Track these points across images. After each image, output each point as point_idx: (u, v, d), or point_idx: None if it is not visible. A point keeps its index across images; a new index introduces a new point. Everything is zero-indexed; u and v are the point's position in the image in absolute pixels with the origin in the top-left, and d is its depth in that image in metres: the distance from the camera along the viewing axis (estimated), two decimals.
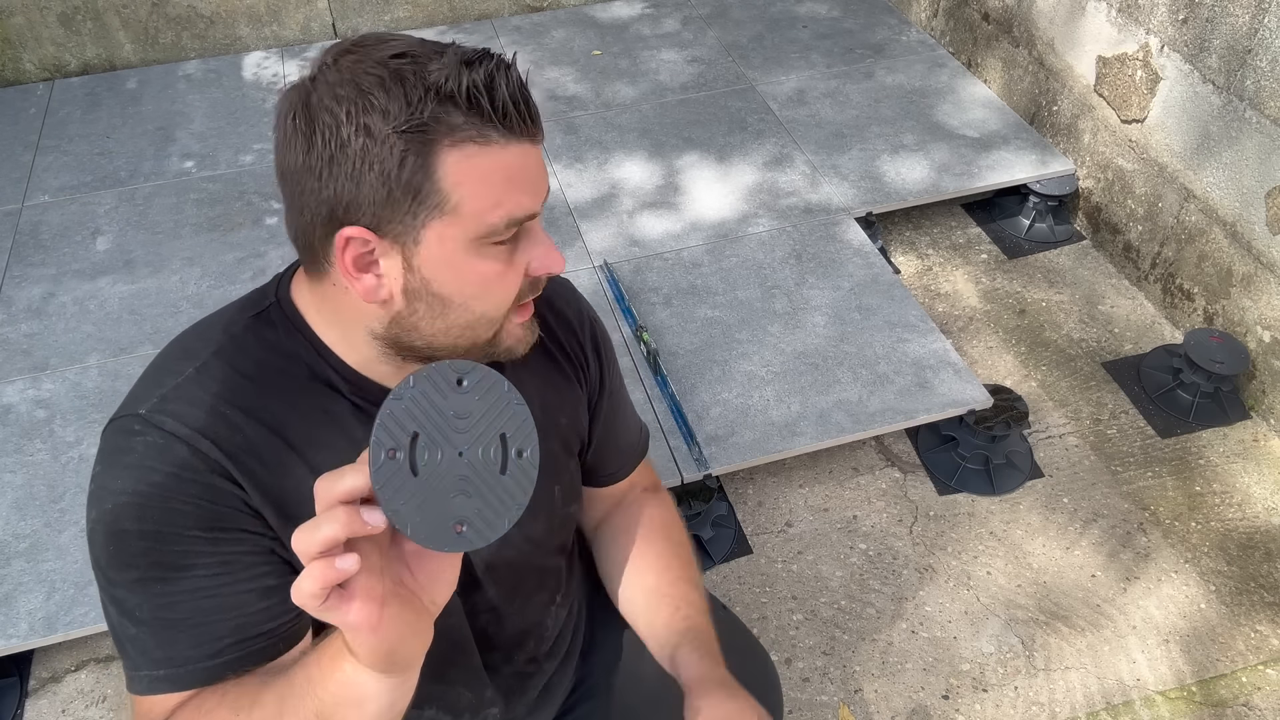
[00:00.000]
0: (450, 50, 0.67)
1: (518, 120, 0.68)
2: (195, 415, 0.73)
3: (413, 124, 0.65)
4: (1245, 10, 1.86)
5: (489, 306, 0.74)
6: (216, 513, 0.72)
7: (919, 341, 2.00)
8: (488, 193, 0.68)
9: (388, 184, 0.66)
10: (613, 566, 1.04)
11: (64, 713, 1.61)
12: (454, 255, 0.70)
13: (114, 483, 0.72)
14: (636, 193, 2.44)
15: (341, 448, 0.78)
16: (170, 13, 2.95)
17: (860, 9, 3.14)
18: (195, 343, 0.78)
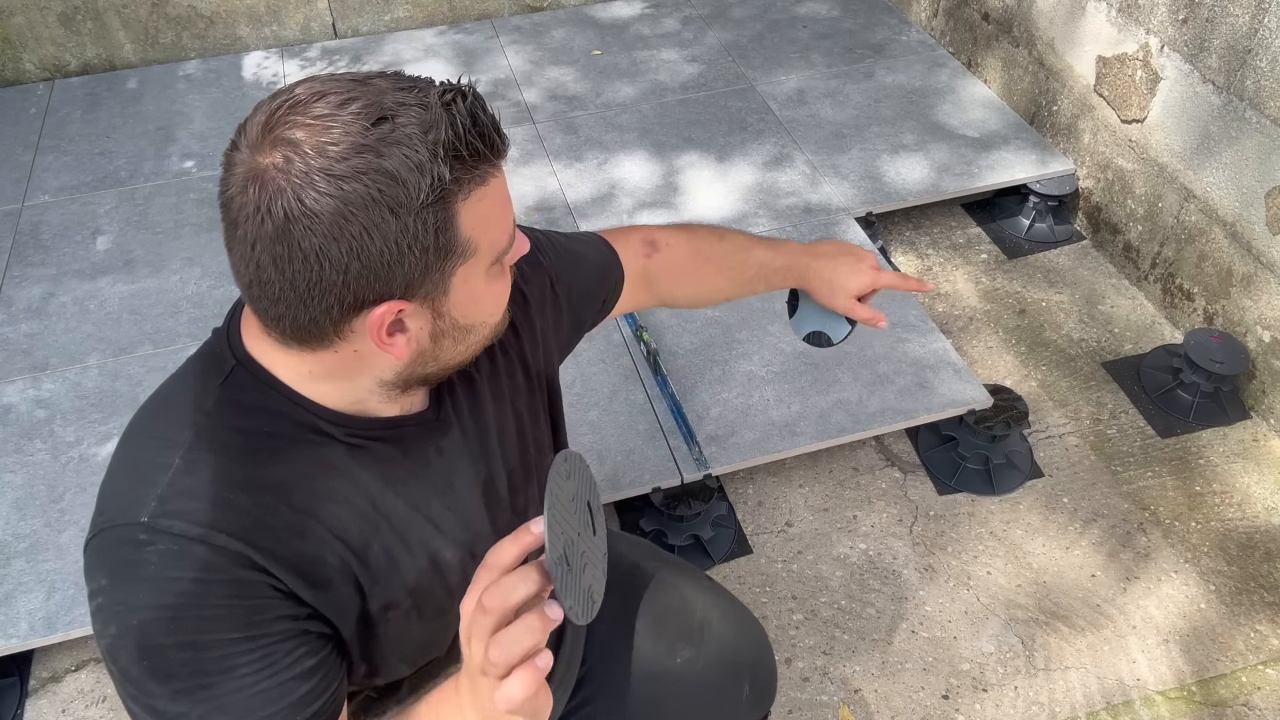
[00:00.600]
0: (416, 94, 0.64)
1: (500, 148, 0.68)
2: (201, 510, 0.69)
3: (434, 196, 0.63)
4: (1245, 10, 1.86)
5: (500, 314, 0.77)
6: (250, 608, 0.70)
7: (919, 341, 2.00)
8: (496, 224, 0.70)
9: (426, 255, 0.66)
10: (681, 296, 1.14)
11: (64, 713, 1.61)
12: (477, 289, 0.71)
13: (135, 598, 0.68)
14: (636, 192, 2.44)
15: (348, 494, 0.76)
16: (170, 13, 2.95)
17: (860, 9, 3.14)
18: (168, 429, 0.74)
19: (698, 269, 1.12)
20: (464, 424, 0.85)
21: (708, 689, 1.13)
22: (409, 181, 0.62)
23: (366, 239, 0.63)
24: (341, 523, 0.75)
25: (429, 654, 0.88)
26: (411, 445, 0.80)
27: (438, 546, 0.82)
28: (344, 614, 0.77)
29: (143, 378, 1.96)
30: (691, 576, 1.23)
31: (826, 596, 1.74)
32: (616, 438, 1.82)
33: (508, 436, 0.90)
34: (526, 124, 2.69)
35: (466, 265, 0.69)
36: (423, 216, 0.64)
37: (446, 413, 0.83)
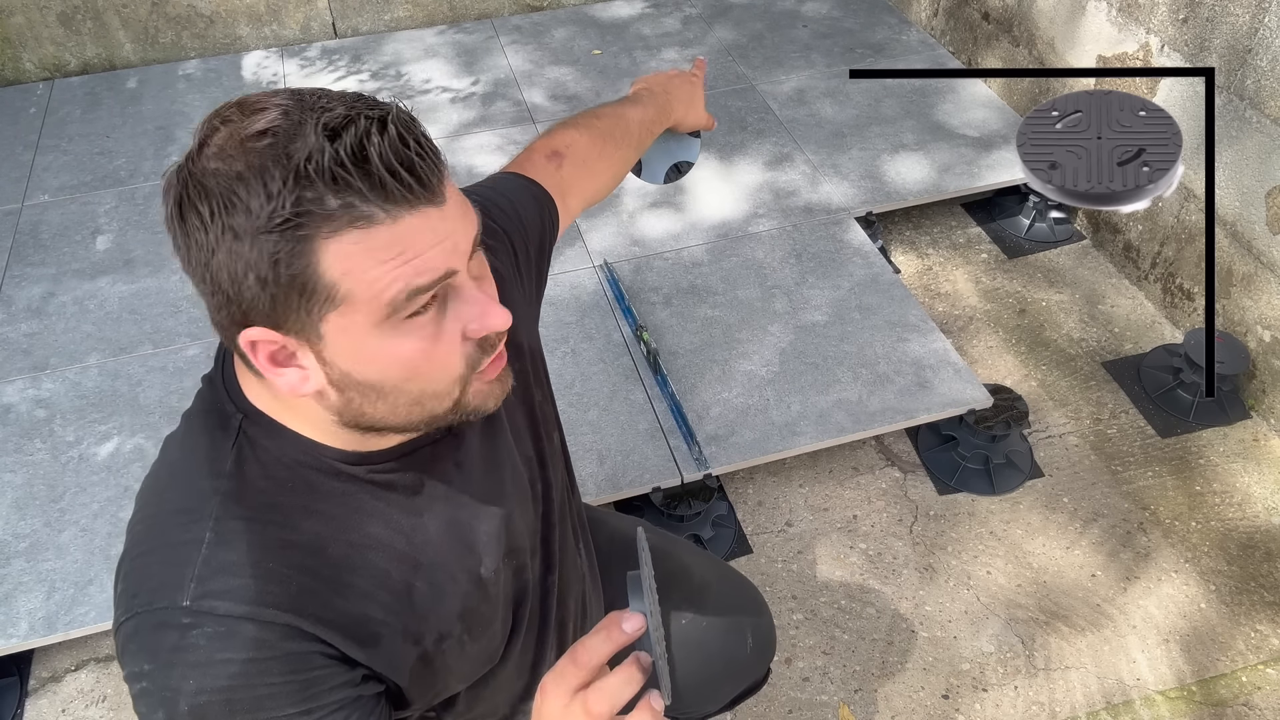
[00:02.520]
0: (315, 117, 0.59)
1: (400, 190, 0.59)
2: (244, 586, 0.67)
3: (276, 221, 0.57)
4: (1245, 10, 1.86)
5: (428, 383, 0.67)
6: (305, 681, 0.68)
7: (919, 341, 2.00)
8: (380, 275, 0.60)
9: (268, 288, 0.60)
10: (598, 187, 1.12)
11: (64, 712, 1.61)
12: (364, 344, 0.63)
13: (184, 684, 0.66)
14: (637, 192, 2.43)
15: (382, 538, 0.74)
16: (170, 12, 2.95)
17: (860, 8, 3.14)
18: (191, 500, 0.70)
19: (602, 153, 1.10)
20: (477, 430, 0.84)
21: (713, 646, 1.16)
22: (253, 203, 0.58)
23: (215, 249, 0.60)
24: (381, 572, 0.74)
25: (483, 668, 0.88)
26: (431, 466, 0.79)
27: (474, 564, 0.82)
28: (397, 665, 0.76)
29: (142, 378, 1.96)
30: (686, 545, 1.27)
31: (826, 596, 1.74)
32: (616, 438, 1.82)
33: (520, 427, 0.89)
34: (526, 124, 2.69)
35: (339, 313, 0.61)
36: (260, 243, 0.58)
37: (459, 425, 0.81)
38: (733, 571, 1.25)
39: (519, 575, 0.90)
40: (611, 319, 2.08)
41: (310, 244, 0.59)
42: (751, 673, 1.24)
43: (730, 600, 1.19)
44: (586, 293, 2.15)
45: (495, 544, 0.84)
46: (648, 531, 1.26)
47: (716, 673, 1.18)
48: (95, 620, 1.56)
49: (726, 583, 1.21)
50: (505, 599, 0.88)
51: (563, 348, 2.01)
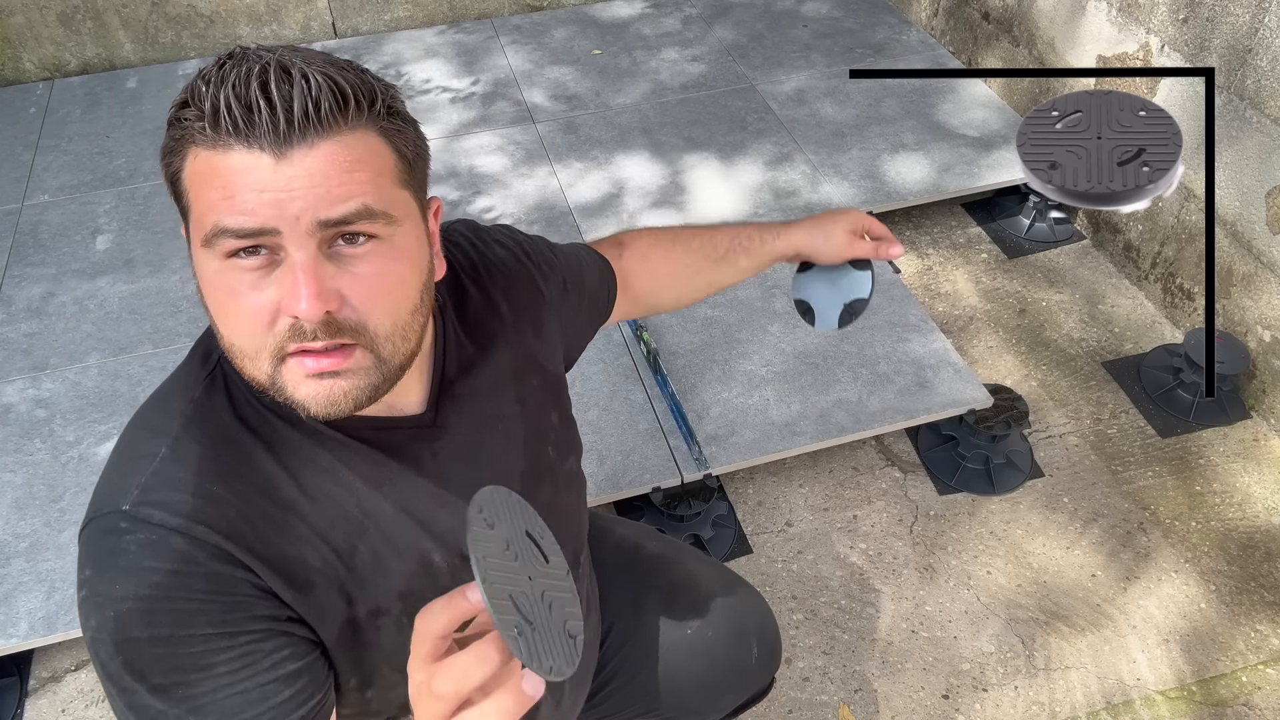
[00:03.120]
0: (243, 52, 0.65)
1: (227, 122, 0.61)
2: (183, 501, 0.68)
3: (168, 121, 0.66)
4: (1245, 10, 1.86)
5: (233, 333, 0.66)
6: (228, 604, 0.68)
7: (919, 341, 2.00)
8: (205, 195, 0.63)
9: (166, 181, 0.68)
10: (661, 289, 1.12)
11: (64, 712, 1.61)
12: (199, 261, 0.66)
13: (112, 589, 0.67)
14: (637, 192, 2.43)
15: (333, 494, 0.75)
16: (170, 12, 2.95)
17: (860, 8, 3.14)
18: (160, 418, 0.73)
19: (667, 252, 1.10)
20: (464, 427, 0.83)
21: (719, 656, 1.16)
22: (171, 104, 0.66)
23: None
24: (327, 522, 0.74)
25: None
26: (404, 447, 0.79)
27: (427, 549, 0.81)
28: (326, 620, 0.75)
29: (142, 377, 1.96)
30: (691, 553, 1.26)
31: (826, 596, 1.74)
32: (616, 437, 1.82)
33: (516, 439, 0.88)
34: (527, 124, 2.69)
35: (190, 223, 0.67)
36: (165, 139, 0.66)
37: (445, 417, 0.82)
38: (739, 580, 1.24)
39: None
40: None
41: (181, 149, 0.65)
42: (755, 682, 1.23)
43: (735, 609, 1.18)
44: None
45: (453, 537, 0.83)
46: (650, 536, 1.26)
47: (719, 682, 1.17)
48: None
49: (732, 591, 1.20)
50: None
51: None
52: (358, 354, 0.66)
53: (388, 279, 0.67)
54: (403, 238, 0.68)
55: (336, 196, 0.63)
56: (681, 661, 1.14)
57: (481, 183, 2.48)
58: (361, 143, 0.65)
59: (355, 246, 0.65)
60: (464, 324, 0.86)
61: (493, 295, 0.89)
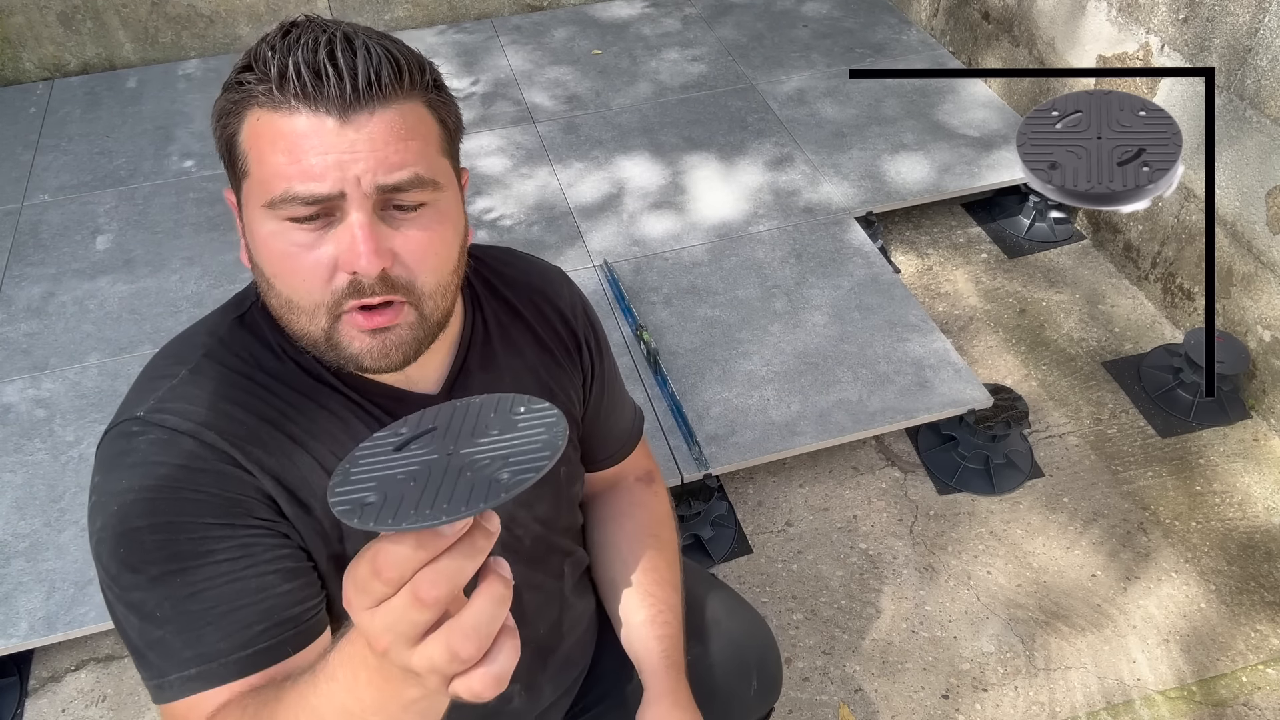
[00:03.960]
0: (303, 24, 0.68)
1: (296, 84, 0.64)
2: (196, 411, 0.72)
3: (226, 85, 0.68)
4: (1245, 10, 1.86)
5: (292, 290, 0.69)
6: (230, 499, 0.71)
7: (919, 341, 2.00)
8: (270, 159, 0.66)
9: (219, 144, 0.70)
10: (598, 549, 1.05)
11: (64, 712, 1.61)
12: (256, 221, 0.69)
13: (118, 484, 0.69)
14: (637, 192, 2.43)
15: (342, 439, 0.77)
16: (170, 12, 2.95)
17: (860, 8, 3.14)
18: (183, 349, 0.77)
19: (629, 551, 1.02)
20: None
21: (716, 685, 1.14)
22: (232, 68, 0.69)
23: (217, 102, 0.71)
24: (331, 459, 0.76)
25: None
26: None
27: None
28: (319, 545, 0.76)
29: None
30: (697, 574, 1.24)
31: (826, 596, 1.74)
32: None
33: None
34: (527, 124, 2.69)
35: (248, 184, 0.69)
36: (219, 101, 0.69)
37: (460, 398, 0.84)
38: (744, 606, 1.21)
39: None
40: (611, 319, 2.08)
41: (240, 111, 0.68)
42: (752, 713, 1.20)
43: (737, 637, 1.16)
44: (587, 292, 2.13)
45: None
46: None
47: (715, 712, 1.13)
48: (95, 620, 1.56)
49: (735, 618, 1.17)
50: None
51: None
52: (406, 310, 0.71)
53: (434, 241, 0.71)
54: (445, 203, 0.72)
55: (393, 164, 0.67)
56: None
57: (482, 183, 2.48)
58: (414, 113, 0.69)
59: (406, 211, 0.69)
60: (499, 326, 0.89)
61: (535, 321, 0.91)
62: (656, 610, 0.99)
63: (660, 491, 1.10)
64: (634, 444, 1.08)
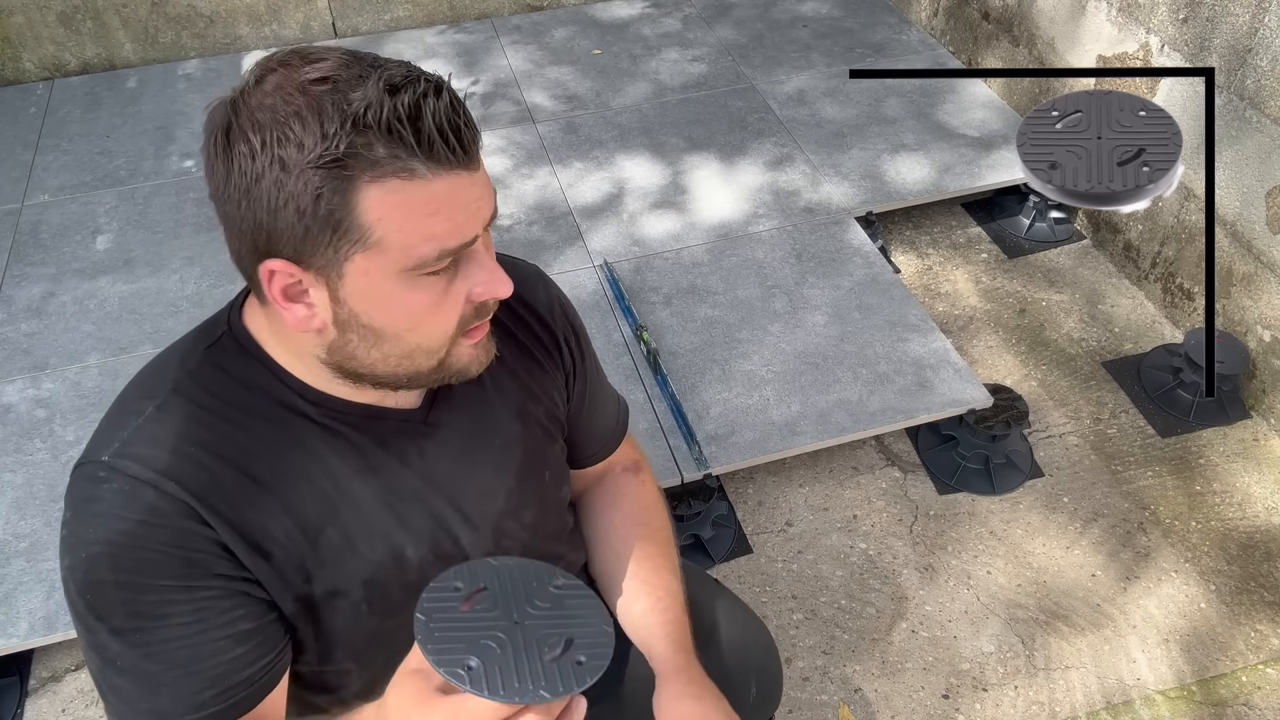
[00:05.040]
0: (377, 73, 0.63)
1: (445, 152, 0.64)
2: (158, 457, 0.72)
3: (327, 159, 0.62)
4: (1245, 10, 1.86)
5: (424, 338, 0.72)
6: (188, 558, 0.71)
7: (919, 341, 2.00)
8: (415, 227, 0.65)
9: (304, 220, 0.64)
10: (591, 544, 1.06)
11: (64, 712, 1.61)
12: (380, 288, 0.68)
13: (86, 532, 0.71)
14: (637, 192, 2.44)
15: (311, 473, 0.77)
16: (170, 12, 2.95)
17: (860, 8, 3.14)
18: (153, 380, 0.76)
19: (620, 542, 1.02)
20: (457, 431, 0.84)
21: None
22: (306, 139, 0.62)
23: (258, 178, 0.64)
24: (299, 500, 0.76)
25: (378, 654, 0.86)
26: (393, 439, 0.80)
27: (401, 542, 0.82)
28: (280, 590, 0.77)
29: None
30: (698, 579, 1.23)
31: (826, 596, 1.74)
32: None
33: (512, 457, 0.89)
34: (527, 124, 2.69)
35: (366, 255, 0.66)
36: (307, 177, 0.63)
37: (438, 416, 0.83)
38: (745, 612, 1.20)
39: None
40: (611, 319, 2.08)
41: (352, 185, 0.63)
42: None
43: (737, 644, 1.15)
44: (586, 292, 2.15)
45: (428, 534, 0.84)
46: None
47: None
48: None
49: (735, 624, 1.16)
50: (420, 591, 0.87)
51: None
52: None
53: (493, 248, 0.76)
54: None
55: (491, 190, 0.71)
56: None
57: None
58: None
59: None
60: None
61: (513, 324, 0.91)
62: (655, 598, 0.99)
63: (647, 480, 1.09)
64: (620, 438, 1.08)
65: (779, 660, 1.21)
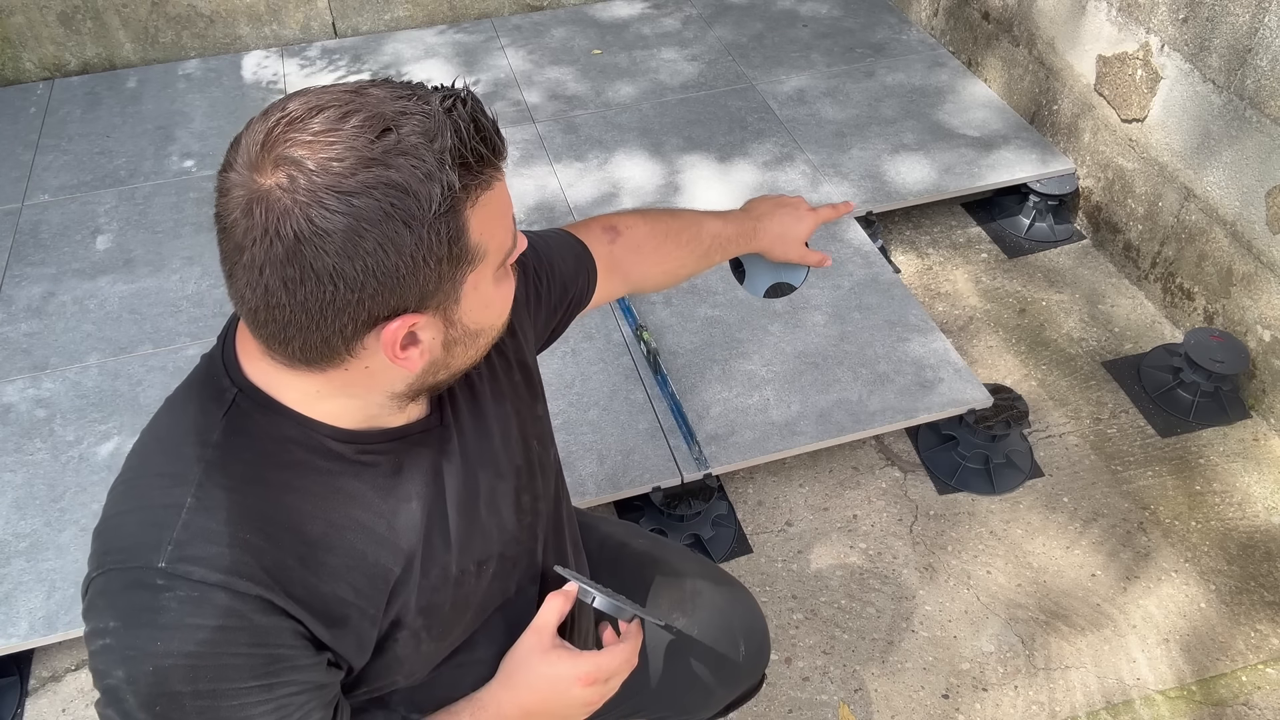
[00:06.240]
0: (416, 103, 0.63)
1: (503, 149, 0.68)
2: (220, 555, 0.68)
3: (447, 203, 0.62)
4: (1245, 10, 1.86)
5: (507, 315, 0.76)
6: (270, 656, 0.69)
7: (919, 341, 2.00)
8: (502, 227, 0.70)
9: (440, 266, 0.65)
10: (639, 280, 1.14)
11: (64, 712, 1.61)
12: (487, 294, 0.71)
13: (151, 645, 0.66)
14: (637, 192, 2.43)
15: (363, 521, 0.75)
16: (170, 12, 2.95)
17: (860, 8, 3.14)
18: (176, 465, 0.71)
19: (659, 246, 1.13)
20: (466, 428, 0.85)
21: (705, 652, 1.16)
22: (420, 193, 0.61)
23: (381, 254, 0.61)
24: (358, 552, 0.75)
25: (428, 669, 0.88)
26: (421, 455, 0.80)
27: (447, 560, 0.82)
28: (360, 649, 0.77)
29: (142, 377, 1.96)
30: (677, 550, 1.26)
31: (826, 596, 1.74)
32: (616, 437, 1.82)
33: (510, 435, 0.90)
34: (527, 124, 2.69)
35: (476, 271, 0.68)
36: (435, 227, 0.62)
37: (449, 418, 0.83)
38: (726, 575, 1.24)
39: (498, 582, 0.90)
40: (611, 318, 2.08)
41: (464, 215, 0.65)
42: (746, 678, 1.22)
43: (722, 605, 1.18)
44: None
45: (469, 543, 0.84)
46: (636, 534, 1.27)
47: (707, 680, 1.16)
48: None
49: (720, 588, 1.20)
50: (475, 606, 0.88)
51: (563, 347, 2.01)
52: None
53: None
54: None
55: None
56: (667, 660, 1.14)
57: None
58: None
59: None
60: None
61: None
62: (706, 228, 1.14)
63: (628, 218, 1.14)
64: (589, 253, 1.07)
65: (764, 620, 1.24)
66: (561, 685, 0.83)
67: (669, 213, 1.16)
